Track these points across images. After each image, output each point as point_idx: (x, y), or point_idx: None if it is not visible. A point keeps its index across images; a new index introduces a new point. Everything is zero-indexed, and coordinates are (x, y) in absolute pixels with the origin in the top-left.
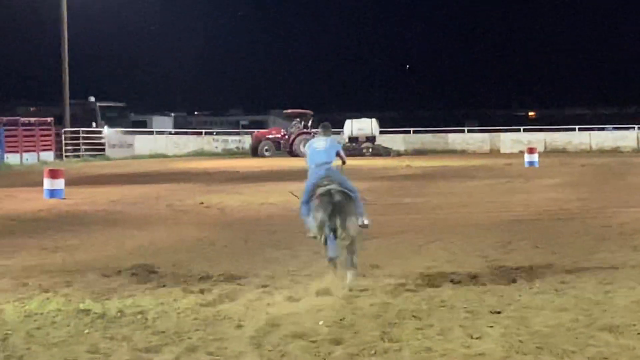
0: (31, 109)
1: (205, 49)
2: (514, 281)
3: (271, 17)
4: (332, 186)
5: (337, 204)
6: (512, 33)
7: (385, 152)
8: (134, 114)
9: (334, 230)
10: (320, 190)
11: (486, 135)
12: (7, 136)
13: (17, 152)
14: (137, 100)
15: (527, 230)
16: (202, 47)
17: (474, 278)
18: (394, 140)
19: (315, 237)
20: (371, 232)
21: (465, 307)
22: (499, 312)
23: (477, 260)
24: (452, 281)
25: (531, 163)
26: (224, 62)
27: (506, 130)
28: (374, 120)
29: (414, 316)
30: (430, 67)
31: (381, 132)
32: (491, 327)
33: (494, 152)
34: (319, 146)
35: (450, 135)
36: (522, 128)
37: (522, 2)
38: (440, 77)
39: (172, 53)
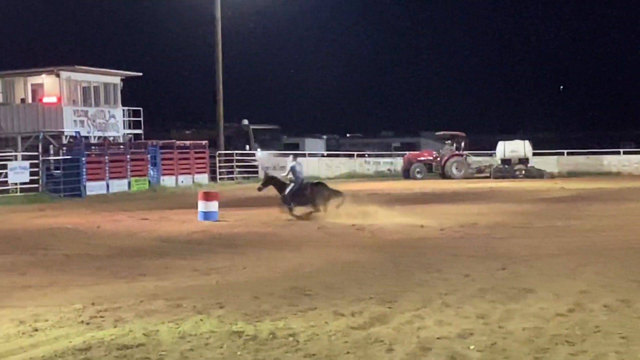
0: (186, 132)
1: (356, 72)
2: None
3: (423, 41)
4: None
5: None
6: None
7: (538, 174)
8: (286, 136)
9: None
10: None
11: None
12: (163, 159)
13: (172, 174)
14: (290, 123)
15: None
16: (353, 69)
17: (628, 303)
18: (547, 162)
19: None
20: (523, 254)
21: (619, 333)
22: None
23: (632, 285)
24: (606, 306)
25: None
26: (376, 85)
27: None
28: (526, 142)
29: (567, 341)
30: (584, 88)
31: (534, 154)
32: None
33: None
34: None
35: (606, 157)
36: None
37: None
38: (595, 98)
39: (324, 76)
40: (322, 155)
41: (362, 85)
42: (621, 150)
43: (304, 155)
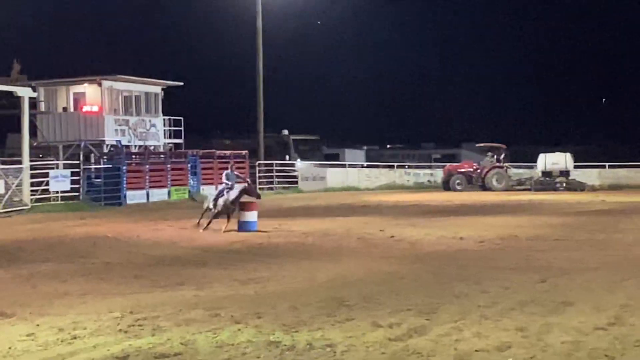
0: (226, 141)
1: (398, 83)
2: None
3: (465, 52)
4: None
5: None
6: None
7: (579, 187)
8: (326, 147)
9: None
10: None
11: None
12: (203, 168)
13: (212, 183)
14: (330, 133)
15: None
16: (395, 80)
17: None
18: (589, 175)
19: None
20: (563, 267)
21: None
22: None
23: None
24: None
25: None
26: (417, 96)
27: None
28: (568, 154)
29: (606, 355)
30: (627, 100)
31: (575, 167)
32: None
33: None
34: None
35: (636, 170)
36: None
37: None
38: (638, 111)
39: (366, 87)
40: (362, 166)
41: (403, 97)
42: None
43: (343, 166)
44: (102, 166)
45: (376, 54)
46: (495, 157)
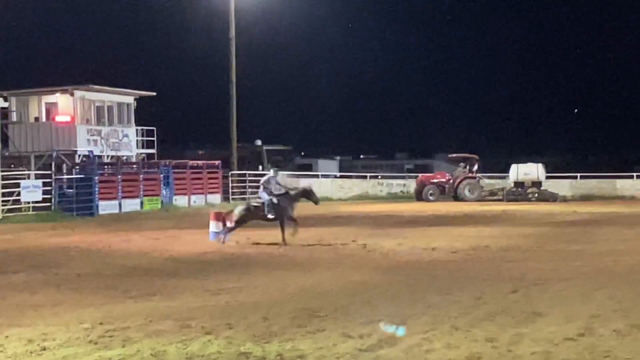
0: (199, 152)
1: (371, 94)
2: None
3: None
4: None
5: None
6: None
7: (551, 198)
8: (300, 157)
9: None
10: None
11: None
12: (176, 179)
13: (185, 194)
14: (304, 144)
15: None
16: (369, 92)
17: (639, 328)
18: (560, 185)
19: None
20: (535, 278)
21: (629, 358)
22: None
23: None
24: (616, 331)
25: None
26: (390, 107)
27: None
28: (540, 165)
29: None
30: (599, 112)
31: (547, 177)
32: None
33: None
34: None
35: (619, 181)
36: None
37: None
38: (609, 122)
39: (340, 98)
40: (335, 177)
41: (376, 108)
42: (635, 174)
43: (316, 176)
44: (74, 176)
45: (350, 65)
46: (467, 167)
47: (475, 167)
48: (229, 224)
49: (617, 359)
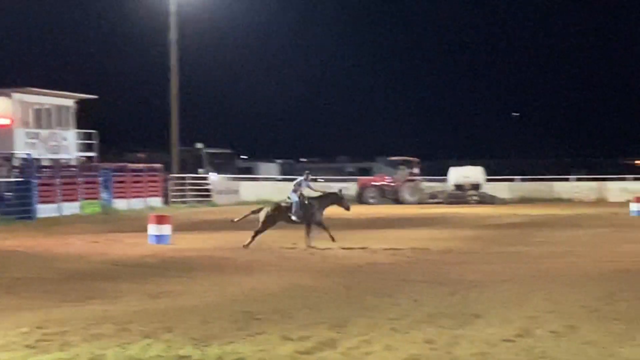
0: (139, 155)
1: (312, 98)
2: (616, 333)
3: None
4: None
5: None
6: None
7: (490, 200)
8: (240, 160)
9: None
10: None
11: (593, 183)
12: (115, 182)
13: (125, 197)
14: (245, 147)
15: (633, 281)
16: (309, 95)
17: (575, 329)
18: (499, 188)
19: None
20: (474, 280)
21: (565, 359)
22: None
23: (579, 311)
24: (552, 332)
25: (639, 212)
26: (332, 110)
27: (614, 179)
28: (479, 167)
29: None
30: (538, 115)
31: (487, 180)
32: None
33: (601, 201)
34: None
35: (556, 184)
36: (630, 177)
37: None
38: (547, 125)
39: (280, 101)
40: (276, 180)
41: (317, 111)
42: (572, 177)
43: (257, 179)
44: (12, 180)
45: (290, 68)
46: (408, 170)
47: (416, 170)
48: (259, 224)
49: (554, 359)
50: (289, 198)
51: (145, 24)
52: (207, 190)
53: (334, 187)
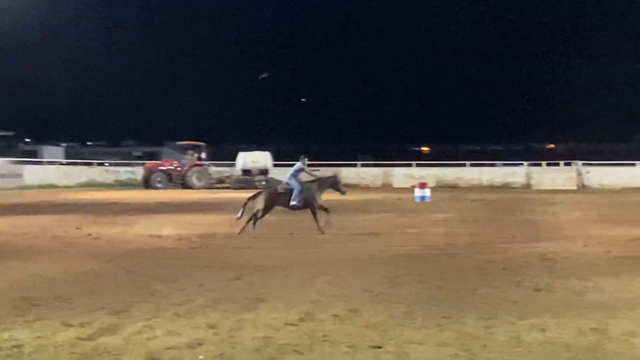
0: None
1: (98, 80)
2: (397, 316)
3: (166, 49)
4: None
5: None
6: (407, 68)
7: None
8: (23, 143)
9: None
10: None
11: (379, 169)
12: None
13: None
14: (27, 129)
15: (415, 265)
16: (95, 77)
17: (357, 313)
18: (287, 173)
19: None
20: (259, 265)
21: (346, 342)
22: (379, 347)
23: (362, 295)
24: (335, 315)
25: (422, 198)
26: (118, 93)
27: (399, 165)
28: (267, 153)
29: (295, 350)
30: (324, 101)
31: (275, 165)
32: None
33: (387, 187)
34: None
35: (344, 169)
36: (414, 163)
37: (425, 42)
38: (334, 111)
39: (65, 82)
40: (61, 164)
41: (106, 94)
42: (358, 163)
43: (41, 163)
44: None
45: (76, 50)
46: (195, 155)
47: (204, 155)
48: (259, 210)
49: (335, 342)
50: (287, 184)
51: None
52: None
53: (121, 171)
